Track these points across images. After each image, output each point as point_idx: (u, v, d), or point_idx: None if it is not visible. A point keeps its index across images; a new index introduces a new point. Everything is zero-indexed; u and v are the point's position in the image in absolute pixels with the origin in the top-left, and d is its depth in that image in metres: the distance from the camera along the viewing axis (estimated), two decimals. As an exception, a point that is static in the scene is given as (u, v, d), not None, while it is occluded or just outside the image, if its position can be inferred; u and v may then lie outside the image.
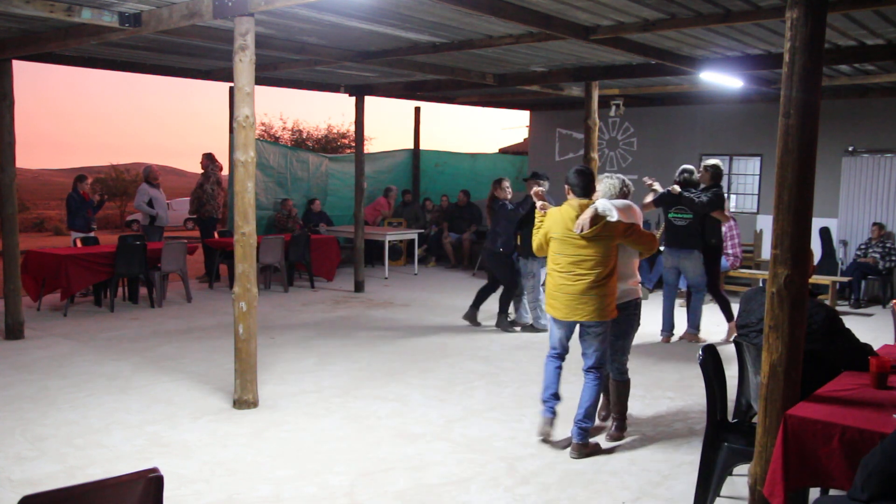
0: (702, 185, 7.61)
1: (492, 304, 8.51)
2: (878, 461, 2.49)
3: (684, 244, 7.63)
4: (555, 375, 4.79)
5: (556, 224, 4.65)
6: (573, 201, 4.65)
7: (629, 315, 4.83)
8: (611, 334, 4.73)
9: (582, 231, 4.47)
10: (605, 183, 4.95)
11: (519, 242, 8.01)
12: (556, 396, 4.77)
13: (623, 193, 4.97)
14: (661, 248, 10.39)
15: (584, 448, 4.57)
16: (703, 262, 7.63)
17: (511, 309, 8.42)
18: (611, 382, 4.94)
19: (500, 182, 8.11)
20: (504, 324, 8.20)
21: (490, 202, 8.16)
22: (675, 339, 7.86)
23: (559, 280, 4.61)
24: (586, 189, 4.68)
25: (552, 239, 4.68)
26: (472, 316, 8.46)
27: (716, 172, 7.59)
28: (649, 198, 7.53)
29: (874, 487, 2.48)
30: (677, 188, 7.50)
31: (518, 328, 8.24)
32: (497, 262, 8.18)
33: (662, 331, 7.84)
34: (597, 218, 4.48)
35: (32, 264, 8.72)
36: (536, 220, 4.86)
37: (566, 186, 4.73)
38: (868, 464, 2.53)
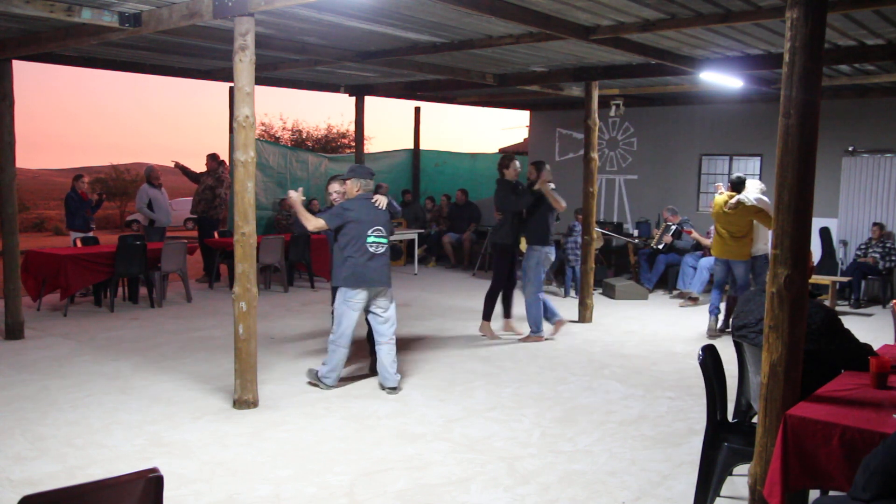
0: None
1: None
2: (881, 460, 2.49)
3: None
4: None
5: None
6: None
7: None
8: None
9: None
10: None
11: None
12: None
13: None
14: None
15: None
16: None
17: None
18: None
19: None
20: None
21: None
22: None
23: None
24: None
25: None
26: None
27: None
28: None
29: (876, 487, 2.47)
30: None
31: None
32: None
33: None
34: None
35: (32, 264, 8.72)
36: None
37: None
38: (870, 463, 2.52)
